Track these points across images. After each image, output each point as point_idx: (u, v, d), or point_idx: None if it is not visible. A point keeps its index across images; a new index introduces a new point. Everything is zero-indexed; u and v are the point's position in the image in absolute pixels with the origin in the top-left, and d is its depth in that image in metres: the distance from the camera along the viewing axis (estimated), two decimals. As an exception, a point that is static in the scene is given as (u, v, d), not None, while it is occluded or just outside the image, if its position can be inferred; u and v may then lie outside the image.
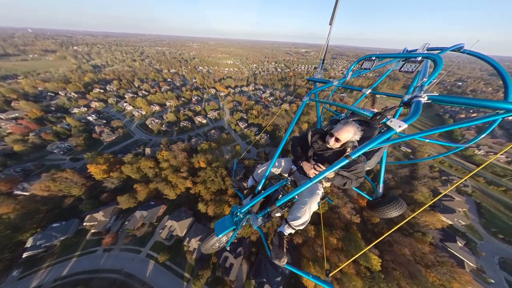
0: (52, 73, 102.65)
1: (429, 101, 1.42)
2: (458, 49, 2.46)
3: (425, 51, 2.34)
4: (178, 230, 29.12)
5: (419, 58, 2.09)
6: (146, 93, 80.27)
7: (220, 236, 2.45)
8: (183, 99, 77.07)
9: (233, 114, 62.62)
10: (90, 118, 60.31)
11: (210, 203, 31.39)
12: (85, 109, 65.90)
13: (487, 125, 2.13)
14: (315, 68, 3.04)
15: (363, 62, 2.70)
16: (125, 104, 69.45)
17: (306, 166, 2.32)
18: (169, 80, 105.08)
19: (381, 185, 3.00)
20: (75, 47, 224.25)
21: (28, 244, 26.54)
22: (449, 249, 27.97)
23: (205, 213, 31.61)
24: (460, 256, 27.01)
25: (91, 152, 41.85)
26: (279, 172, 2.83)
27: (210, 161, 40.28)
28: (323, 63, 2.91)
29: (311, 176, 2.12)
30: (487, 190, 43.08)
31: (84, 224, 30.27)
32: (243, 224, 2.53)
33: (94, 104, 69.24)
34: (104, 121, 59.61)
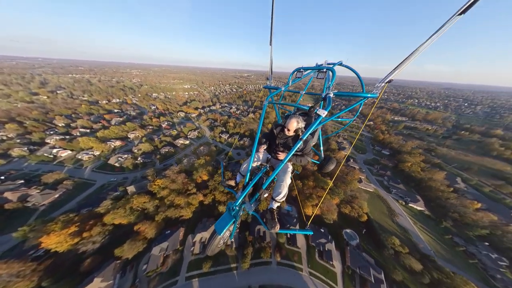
0: None
1: (334, 96, 2.19)
2: (340, 64, 3.39)
3: (326, 65, 3.04)
4: (209, 237, 27.07)
5: (325, 70, 2.81)
6: (88, 130, 55.47)
7: (222, 233, 2.40)
8: (150, 127, 61.49)
9: (213, 130, 60.79)
10: (-22, 186, 32.61)
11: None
12: (-47, 177, 33.98)
13: (358, 107, 2.93)
14: (267, 78, 3.64)
15: (296, 73, 3.40)
16: (54, 150, 44.27)
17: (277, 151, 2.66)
18: (116, 111, 77.20)
19: (321, 152, 3.87)
20: None
21: None
22: (349, 164, 50.17)
23: (226, 212, 31.46)
24: (353, 166, 49.70)
25: (27, 226, 24.88)
26: (259, 163, 3.07)
27: (212, 172, 39.09)
28: (271, 74, 3.55)
29: (282, 158, 2.51)
30: (351, 135, 78.73)
31: (70, 310, 18.95)
32: (240, 214, 2.57)
33: (-26, 166, 37.21)
34: (22, 181, 35.00)
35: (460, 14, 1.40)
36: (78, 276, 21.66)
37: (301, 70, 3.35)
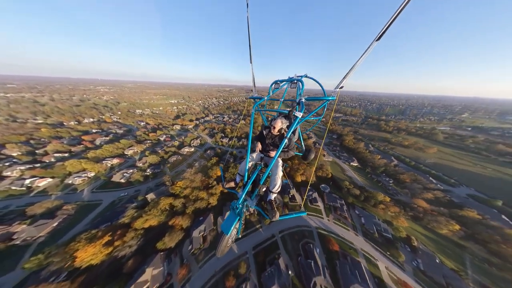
0: None
1: (305, 101, 2.63)
2: (306, 76, 3.74)
3: (296, 77, 3.48)
4: (236, 213, 31.49)
5: (295, 81, 3.32)
6: (67, 154, 45.00)
7: (230, 232, 2.36)
8: (149, 141, 56.00)
9: (214, 136, 63.02)
10: None
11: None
12: None
13: (323, 108, 3.33)
14: (251, 90, 4.21)
15: (274, 85, 3.96)
16: (27, 181, 34.39)
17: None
18: (95, 130, 63.38)
19: (302, 145, 4.36)
20: None
21: None
22: (317, 146, 67.09)
23: (243, 193, 36.68)
24: (320, 147, 67.01)
25: (42, 253, 20.93)
26: (254, 162, 3.26)
27: (224, 168, 43.16)
28: (255, 87, 4.11)
29: (273, 155, 2.78)
30: (314, 128, 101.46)
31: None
32: (244, 211, 2.55)
33: None
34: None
35: (377, 40, 1.68)
36: (123, 277, 20.93)
37: (278, 82, 3.97)
